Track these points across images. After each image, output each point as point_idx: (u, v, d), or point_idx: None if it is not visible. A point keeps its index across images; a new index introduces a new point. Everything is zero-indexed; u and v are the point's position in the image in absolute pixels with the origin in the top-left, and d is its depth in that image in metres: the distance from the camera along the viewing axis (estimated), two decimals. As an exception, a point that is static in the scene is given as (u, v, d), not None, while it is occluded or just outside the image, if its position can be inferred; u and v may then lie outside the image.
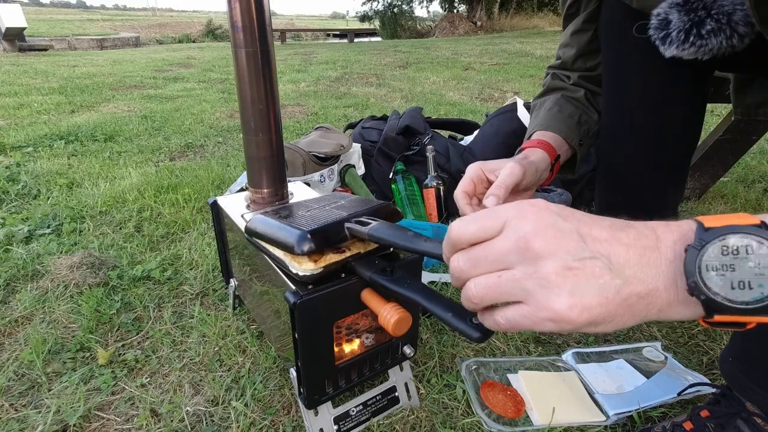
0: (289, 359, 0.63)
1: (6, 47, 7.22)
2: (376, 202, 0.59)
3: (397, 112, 1.55)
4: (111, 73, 4.29)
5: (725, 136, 1.27)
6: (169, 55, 6.36)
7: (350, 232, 0.51)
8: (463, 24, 14.25)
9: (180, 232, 1.19)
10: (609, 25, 0.75)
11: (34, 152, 1.83)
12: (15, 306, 0.88)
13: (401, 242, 0.43)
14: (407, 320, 0.49)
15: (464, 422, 0.65)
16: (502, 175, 0.58)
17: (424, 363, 0.76)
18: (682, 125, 0.73)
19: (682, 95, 0.71)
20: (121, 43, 11.55)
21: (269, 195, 0.73)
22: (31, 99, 2.92)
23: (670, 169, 0.76)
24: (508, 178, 0.58)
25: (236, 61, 0.63)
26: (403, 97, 3.31)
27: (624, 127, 0.77)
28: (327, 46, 9.97)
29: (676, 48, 0.60)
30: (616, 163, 0.80)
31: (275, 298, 0.62)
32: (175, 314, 0.88)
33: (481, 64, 5.07)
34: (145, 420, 0.65)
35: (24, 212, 1.26)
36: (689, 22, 0.59)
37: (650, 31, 0.63)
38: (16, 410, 0.67)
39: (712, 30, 0.57)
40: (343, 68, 4.94)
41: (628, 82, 0.74)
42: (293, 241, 0.50)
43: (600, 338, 0.84)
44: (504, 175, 0.58)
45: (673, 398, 0.67)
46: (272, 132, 0.68)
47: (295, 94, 3.42)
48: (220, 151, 1.94)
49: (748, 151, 1.35)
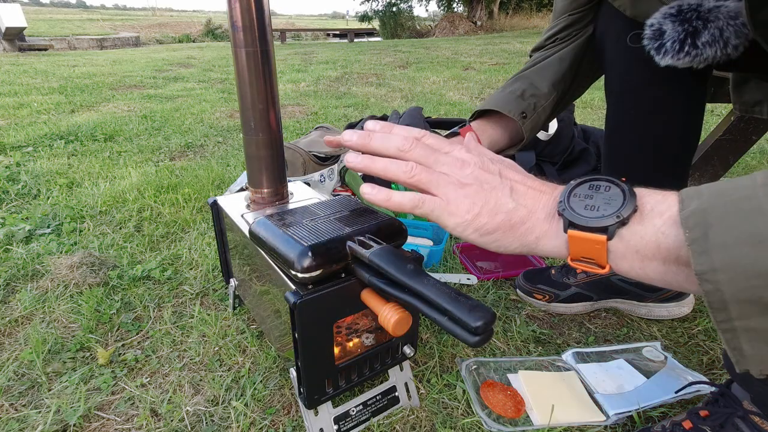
0: (289, 359, 0.63)
1: (6, 47, 7.22)
2: (380, 216, 0.58)
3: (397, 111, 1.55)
4: (111, 73, 4.29)
5: (725, 136, 1.27)
6: (169, 55, 6.36)
7: (351, 251, 0.51)
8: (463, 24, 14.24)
9: (180, 231, 1.19)
10: (607, 30, 0.75)
11: (34, 152, 1.83)
12: (15, 306, 0.89)
13: (400, 276, 0.42)
14: (407, 320, 0.49)
15: (464, 422, 0.65)
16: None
17: (424, 363, 0.76)
18: (682, 126, 0.73)
19: (681, 97, 0.71)
20: (121, 42, 11.55)
21: (269, 195, 0.73)
22: (31, 99, 2.92)
23: (671, 170, 0.76)
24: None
25: (236, 60, 0.63)
26: (403, 96, 3.31)
27: (625, 130, 0.77)
28: (327, 45, 9.97)
29: (671, 58, 0.61)
30: (618, 165, 0.80)
31: (275, 298, 0.62)
32: (175, 314, 0.88)
33: (481, 64, 5.07)
34: (145, 420, 0.65)
35: (24, 212, 1.26)
36: (683, 32, 0.59)
37: (644, 41, 0.63)
38: (16, 410, 0.67)
39: (707, 42, 0.58)
40: (343, 68, 4.94)
41: (628, 86, 0.74)
42: (294, 257, 0.50)
43: (600, 338, 0.84)
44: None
45: (673, 398, 0.67)
46: (272, 132, 0.68)
47: (295, 94, 3.42)
48: (220, 151, 1.94)
49: (748, 151, 1.35)
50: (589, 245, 0.36)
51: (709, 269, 0.29)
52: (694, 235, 0.30)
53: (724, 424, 0.55)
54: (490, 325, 0.36)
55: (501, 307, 0.92)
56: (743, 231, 0.28)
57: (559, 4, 0.82)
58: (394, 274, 0.43)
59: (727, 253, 0.29)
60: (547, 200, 0.39)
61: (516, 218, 0.39)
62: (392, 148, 0.43)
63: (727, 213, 0.29)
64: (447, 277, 1.00)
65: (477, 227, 0.39)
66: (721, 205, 0.30)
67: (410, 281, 0.42)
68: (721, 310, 0.30)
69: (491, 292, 0.96)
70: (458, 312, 0.36)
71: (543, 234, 0.38)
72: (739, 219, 0.29)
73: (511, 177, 0.41)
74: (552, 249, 0.38)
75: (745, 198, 0.29)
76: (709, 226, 0.29)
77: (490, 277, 1.01)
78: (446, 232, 1.12)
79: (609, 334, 0.85)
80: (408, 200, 0.41)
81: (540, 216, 0.39)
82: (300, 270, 0.49)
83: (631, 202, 0.35)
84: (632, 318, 0.89)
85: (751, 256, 0.28)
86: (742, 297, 0.29)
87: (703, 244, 0.29)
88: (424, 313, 0.40)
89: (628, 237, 0.34)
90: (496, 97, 0.80)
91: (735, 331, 0.30)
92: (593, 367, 0.75)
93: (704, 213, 0.30)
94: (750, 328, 0.30)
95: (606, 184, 0.37)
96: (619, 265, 0.36)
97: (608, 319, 0.89)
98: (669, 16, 0.60)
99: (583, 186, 0.38)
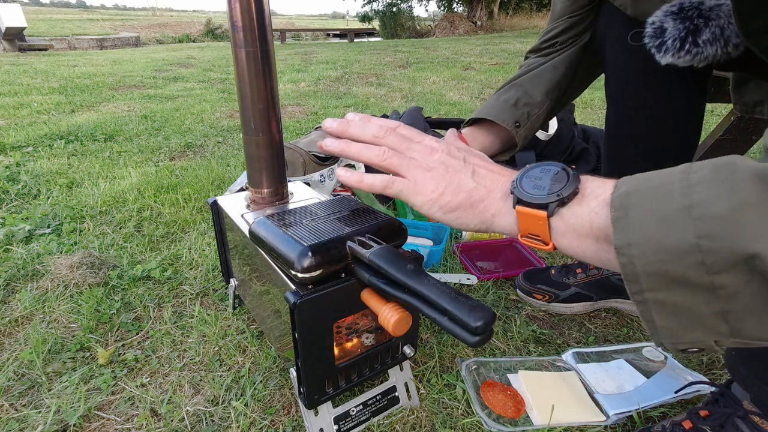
0: (289, 359, 0.63)
1: (6, 47, 7.22)
2: (380, 216, 0.58)
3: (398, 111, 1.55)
4: (111, 73, 4.29)
5: (725, 136, 1.27)
6: (169, 55, 6.36)
7: (351, 251, 0.51)
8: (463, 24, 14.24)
9: (180, 231, 1.19)
10: (608, 30, 0.75)
11: (34, 152, 1.83)
12: (15, 306, 0.89)
13: (400, 276, 0.43)
14: (407, 320, 0.49)
15: (464, 422, 0.65)
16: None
17: (424, 363, 0.76)
18: (682, 126, 0.73)
19: (681, 96, 0.71)
20: (121, 42, 11.54)
21: (269, 195, 0.73)
22: (31, 99, 2.92)
23: None
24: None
25: (236, 60, 0.63)
26: (403, 96, 3.31)
27: (625, 130, 0.77)
28: (327, 46, 9.96)
29: (671, 56, 0.61)
30: (619, 166, 0.80)
31: (275, 298, 0.62)
32: (175, 314, 0.88)
33: (481, 64, 5.07)
34: (145, 420, 0.65)
35: (24, 212, 1.26)
36: (684, 30, 0.59)
37: (645, 39, 0.63)
38: (16, 410, 0.67)
39: (708, 40, 0.58)
40: (343, 68, 4.94)
41: (628, 85, 0.74)
42: (294, 257, 0.50)
43: (600, 338, 0.84)
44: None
45: (673, 398, 0.67)
46: (272, 132, 0.68)
47: (295, 94, 3.42)
48: (220, 151, 1.94)
49: (748, 151, 1.35)
50: (533, 221, 0.39)
51: (625, 244, 0.32)
52: (617, 215, 0.33)
53: (724, 424, 0.55)
54: (490, 325, 0.36)
55: (501, 307, 0.92)
56: (655, 210, 0.31)
57: (558, 6, 0.81)
58: (394, 274, 0.43)
59: (640, 230, 0.31)
60: (505, 182, 0.43)
61: (476, 197, 0.42)
62: (368, 134, 0.47)
63: (646, 195, 0.32)
64: (447, 277, 1.00)
65: (441, 205, 0.43)
66: (644, 189, 0.33)
67: (410, 281, 0.42)
68: (634, 282, 0.32)
69: (491, 292, 0.96)
70: (458, 312, 0.36)
71: (498, 211, 0.42)
72: (653, 200, 0.31)
73: (473, 162, 0.45)
74: (506, 226, 0.42)
75: (663, 183, 0.32)
76: (631, 206, 0.32)
77: (490, 277, 1.01)
78: (446, 233, 1.12)
79: (609, 334, 0.85)
80: (379, 181, 0.45)
81: (497, 195, 0.42)
82: (300, 270, 0.49)
83: (572, 184, 0.38)
84: (632, 318, 0.89)
85: (659, 233, 0.30)
86: (651, 269, 0.31)
87: (623, 222, 0.32)
88: (424, 313, 0.40)
89: (567, 216, 0.38)
90: (490, 105, 0.81)
91: (646, 303, 0.33)
92: (593, 367, 0.75)
93: (628, 195, 0.33)
94: (658, 300, 0.32)
95: (556, 169, 0.40)
96: (560, 242, 0.39)
97: (608, 319, 0.89)
98: (670, 14, 0.60)
99: (536, 169, 0.41)
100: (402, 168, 0.45)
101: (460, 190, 0.42)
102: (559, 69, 0.82)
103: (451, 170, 0.43)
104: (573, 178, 0.38)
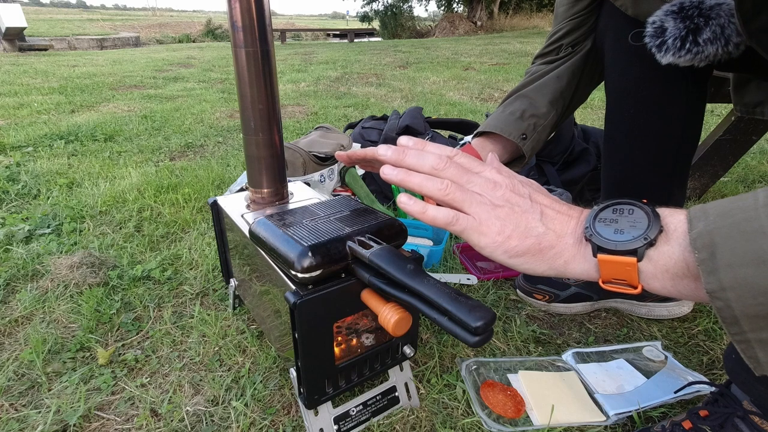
0: (289, 359, 0.63)
1: (6, 47, 7.22)
2: (380, 216, 0.58)
3: (398, 112, 1.55)
4: (111, 73, 4.29)
5: (725, 136, 1.27)
6: (169, 55, 6.36)
7: (351, 251, 0.51)
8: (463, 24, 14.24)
9: (180, 232, 1.19)
10: (608, 29, 0.75)
11: (34, 152, 1.83)
12: (15, 306, 0.89)
13: (400, 276, 0.43)
14: (407, 320, 0.49)
15: (464, 422, 0.65)
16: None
17: (424, 363, 0.76)
18: (682, 126, 0.73)
19: (681, 96, 0.71)
20: (121, 42, 11.55)
21: (269, 195, 0.73)
22: (31, 99, 2.92)
23: (672, 170, 0.76)
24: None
25: (236, 61, 0.63)
26: (403, 96, 3.31)
27: (626, 131, 0.77)
28: (327, 46, 9.96)
29: (672, 55, 0.61)
30: (619, 167, 0.80)
31: (275, 298, 0.62)
32: (175, 314, 0.88)
33: (481, 64, 5.07)
34: (145, 420, 0.65)
35: (24, 212, 1.26)
36: (685, 29, 0.59)
37: (645, 38, 0.63)
38: (16, 410, 0.67)
39: (709, 39, 0.58)
40: (343, 68, 4.94)
41: (628, 85, 0.74)
42: (294, 257, 0.50)
43: (600, 338, 0.84)
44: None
45: (673, 398, 0.67)
46: (272, 132, 0.68)
47: (295, 94, 3.42)
48: (220, 151, 1.94)
49: (748, 151, 1.35)
50: (620, 268, 0.36)
51: (719, 288, 0.31)
52: (702, 256, 0.31)
53: (723, 424, 0.55)
54: (490, 325, 0.36)
55: (501, 307, 0.92)
56: (747, 251, 0.30)
57: (560, 9, 0.82)
58: (394, 274, 0.43)
59: (733, 273, 0.30)
60: (575, 226, 0.40)
61: (545, 243, 0.40)
62: (427, 165, 0.44)
63: (731, 234, 0.31)
64: (447, 277, 1.00)
65: (507, 249, 0.40)
66: (725, 226, 0.31)
67: (410, 281, 0.42)
68: (733, 324, 0.31)
69: (491, 292, 0.96)
70: (458, 312, 0.36)
71: (572, 258, 0.39)
72: (742, 240, 0.30)
73: (540, 201, 0.42)
74: (582, 272, 0.39)
75: (747, 219, 0.30)
76: (716, 247, 0.31)
77: (490, 277, 1.01)
78: (446, 233, 1.12)
79: (609, 334, 0.85)
80: (443, 216, 0.42)
81: (569, 241, 0.40)
82: (300, 270, 0.49)
83: (656, 224, 0.36)
84: (632, 318, 0.89)
85: (756, 275, 0.29)
86: (751, 312, 0.30)
87: (710, 264, 0.31)
88: (424, 313, 0.40)
89: (656, 257, 0.35)
90: (496, 118, 0.82)
91: (749, 342, 0.32)
92: (593, 367, 0.75)
93: (710, 234, 0.31)
94: (762, 339, 0.31)
95: (629, 207, 0.38)
96: (651, 284, 0.36)
97: (608, 319, 0.89)
98: (671, 13, 0.60)
99: (607, 210, 0.39)
100: (465, 204, 0.42)
101: (528, 234, 0.40)
102: (563, 79, 0.83)
103: (517, 210, 0.41)
104: (654, 217, 0.36)
